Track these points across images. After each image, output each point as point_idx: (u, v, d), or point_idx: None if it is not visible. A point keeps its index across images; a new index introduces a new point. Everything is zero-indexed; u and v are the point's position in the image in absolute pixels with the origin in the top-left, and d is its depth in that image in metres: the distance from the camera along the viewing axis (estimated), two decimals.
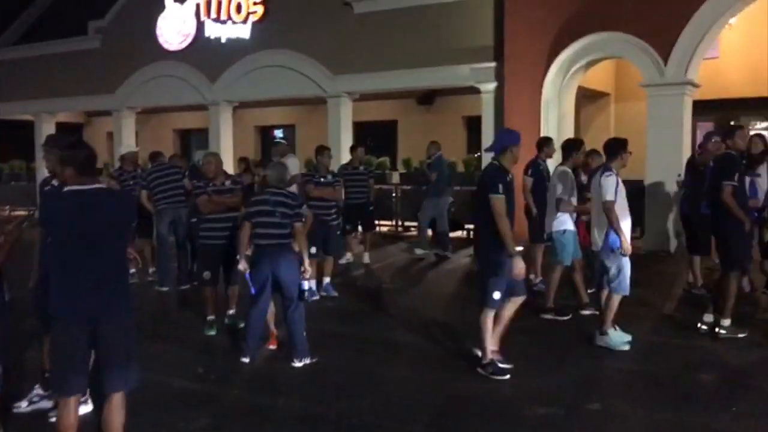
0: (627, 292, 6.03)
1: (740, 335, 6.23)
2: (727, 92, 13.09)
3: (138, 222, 6.87)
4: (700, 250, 7.69)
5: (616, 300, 6.03)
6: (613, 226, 5.87)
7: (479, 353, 5.57)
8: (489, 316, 5.44)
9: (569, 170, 7.00)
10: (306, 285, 5.91)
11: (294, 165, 9.31)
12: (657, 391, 5.21)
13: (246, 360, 5.91)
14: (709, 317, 6.53)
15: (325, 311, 7.72)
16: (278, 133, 20.33)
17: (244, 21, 15.29)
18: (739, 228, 6.24)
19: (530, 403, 4.95)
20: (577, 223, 7.02)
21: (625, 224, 5.98)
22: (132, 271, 8.83)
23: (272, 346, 6.29)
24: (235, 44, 15.45)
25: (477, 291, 5.77)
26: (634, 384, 5.45)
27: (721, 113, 13.37)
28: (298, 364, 5.83)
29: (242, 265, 5.96)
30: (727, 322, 6.30)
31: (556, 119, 11.98)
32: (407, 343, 6.58)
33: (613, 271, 5.99)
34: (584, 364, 5.79)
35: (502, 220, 5.17)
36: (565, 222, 6.80)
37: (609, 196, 5.88)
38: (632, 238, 7.34)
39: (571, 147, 7.14)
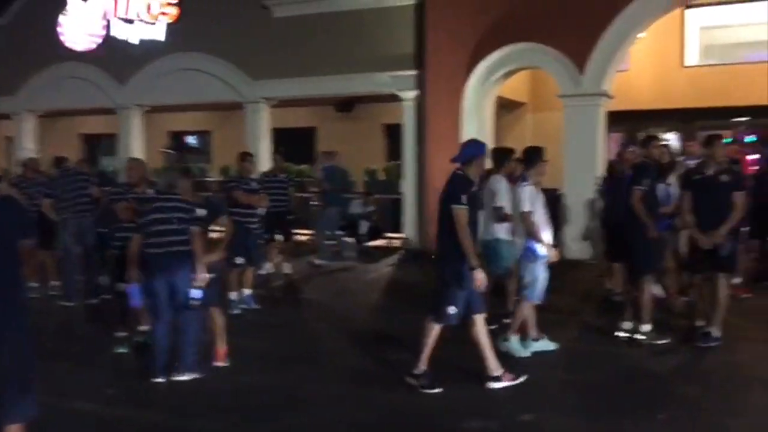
0: (539, 300, 6.03)
1: (661, 341, 6.32)
2: (637, 104, 13.53)
3: (40, 232, 6.38)
4: (620, 258, 7.81)
5: (525, 307, 6.02)
6: (532, 235, 5.86)
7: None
8: (437, 330, 5.31)
9: (504, 178, 6.97)
10: (197, 294, 5.62)
11: None
12: (587, 400, 5.21)
13: (160, 380, 5.54)
14: (627, 324, 6.61)
15: (246, 325, 7.39)
16: (191, 139, 19.68)
17: (155, 22, 14.69)
18: (646, 233, 6.35)
19: (465, 417, 4.82)
20: None
21: (545, 233, 5.98)
22: (34, 285, 8.27)
23: (220, 363, 5.95)
24: (147, 46, 14.82)
25: (404, 301, 5.62)
26: (566, 393, 5.42)
27: (631, 124, 13.83)
28: (183, 378, 5.53)
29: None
30: (646, 328, 6.40)
31: (475, 128, 12.03)
32: (333, 357, 6.36)
33: (527, 278, 5.99)
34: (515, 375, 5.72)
35: (463, 231, 5.05)
36: (497, 230, 6.77)
37: (525, 207, 5.88)
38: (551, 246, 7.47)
39: (503, 155, 7.10)
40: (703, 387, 5.44)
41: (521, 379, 5.34)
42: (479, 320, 5.28)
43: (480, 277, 5.08)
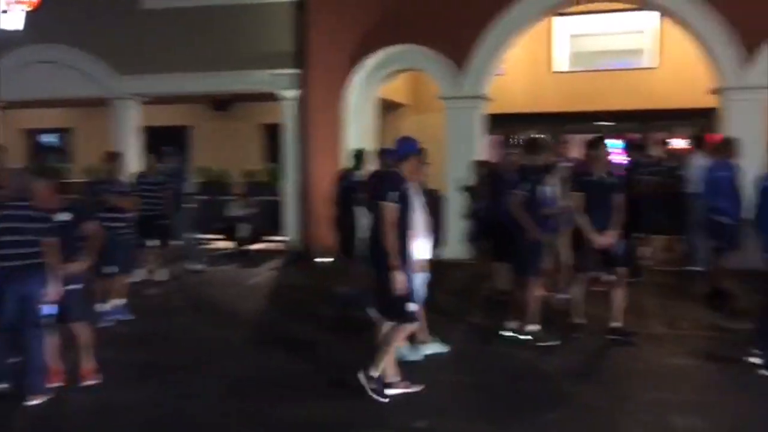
0: (419, 304, 5.95)
1: (549, 342, 6.43)
2: (512, 107, 13.95)
3: None
4: (503, 258, 7.94)
5: None
6: None
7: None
8: (401, 332, 5.15)
9: None
10: (50, 310, 5.16)
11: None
12: (479, 402, 5.18)
13: (33, 402, 5.00)
14: (512, 324, 6.71)
15: (119, 337, 6.86)
16: (49, 138, 18.28)
17: (12, 10, 13.46)
18: (530, 236, 6.49)
19: (361, 426, 4.65)
20: None
21: (422, 237, 5.88)
22: None
23: (89, 381, 5.47)
24: (1, 36, 13.55)
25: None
26: (458, 396, 5.37)
27: (507, 127, 14.25)
28: (33, 402, 5.06)
29: None
30: (533, 327, 6.52)
31: (358, 129, 11.95)
32: (214, 369, 6.00)
33: None
34: (410, 379, 5.61)
35: (390, 229, 4.95)
36: None
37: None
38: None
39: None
40: (592, 385, 5.57)
41: (417, 388, 5.28)
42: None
43: (401, 280, 4.95)
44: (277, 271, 10.70)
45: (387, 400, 5.04)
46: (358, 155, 8.29)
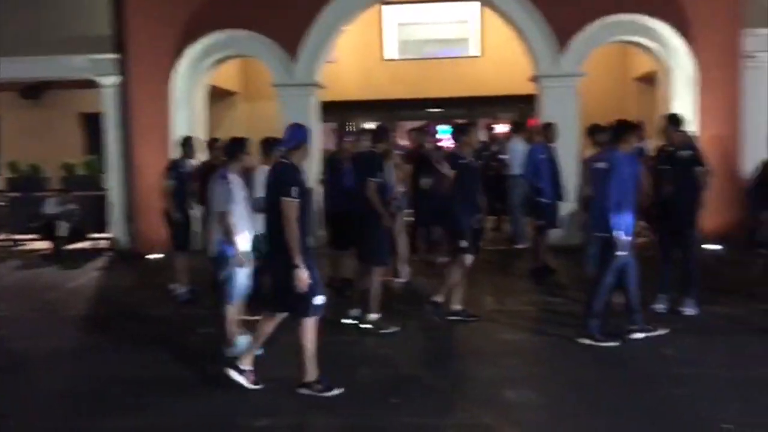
0: (240, 300, 5.81)
1: (390, 330, 6.48)
2: (345, 95, 14.00)
3: None
4: (344, 247, 7.93)
5: (231, 310, 5.77)
6: (228, 235, 5.61)
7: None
8: (312, 326, 4.94)
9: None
10: None
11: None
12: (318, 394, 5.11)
13: None
14: (354, 312, 6.72)
15: None
16: None
17: None
18: (380, 223, 6.53)
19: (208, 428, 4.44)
20: None
21: (244, 234, 5.73)
22: None
23: None
24: None
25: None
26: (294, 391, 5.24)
27: (340, 115, 14.31)
28: None
29: None
30: (374, 316, 6.55)
31: (186, 117, 11.40)
32: (34, 384, 5.47)
33: (225, 278, 5.73)
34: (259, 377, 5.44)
35: (291, 225, 4.73)
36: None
37: (224, 207, 5.60)
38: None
39: (237, 147, 6.66)
40: (432, 367, 5.70)
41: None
42: (278, 318, 5.11)
43: (303, 277, 4.75)
44: (101, 272, 9.97)
45: (338, 391, 4.96)
46: (185, 144, 7.94)
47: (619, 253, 5.81)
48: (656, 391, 4.93)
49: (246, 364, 5.12)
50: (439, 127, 14.06)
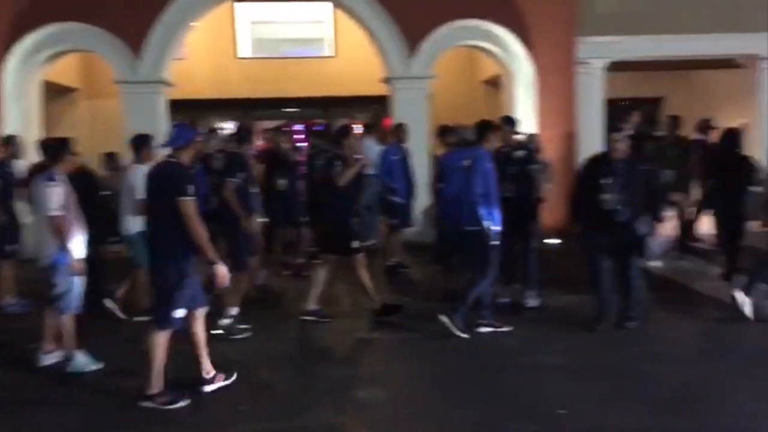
0: (77, 311, 5.50)
1: (244, 334, 6.31)
2: (196, 93, 13.54)
3: None
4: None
5: (65, 320, 5.44)
6: (62, 241, 5.29)
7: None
8: (163, 338, 4.68)
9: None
10: None
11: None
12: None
13: None
14: (225, 321, 6.45)
15: None
16: None
17: None
18: (239, 226, 6.41)
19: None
20: None
21: (77, 238, 5.42)
22: None
23: None
24: None
25: None
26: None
27: (192, 113, 13.79)
28: None
29: None
30: (226, 321, 6.33)
31: (19, 115, 10.56)
32: None
33: (61, 288, 5.40)
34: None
35: (195, 224, 4.58)
36: (137, 224, 6.12)
37: (57, 210, 5.28)
38: (114, 242, 6.94)
39: (60, 148, 6.21)
40: (285, 369, 5.60)
41: (233, 378, 5.10)
42: (200, 317, 4.97)
43: (223, 272, 4.71)
44: None
45: (184, 403, 4.75)
46: (9, 142, 7.43)
47: (492, 243, 6.00)
48: (500, 381, 5.13)
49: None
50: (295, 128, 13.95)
